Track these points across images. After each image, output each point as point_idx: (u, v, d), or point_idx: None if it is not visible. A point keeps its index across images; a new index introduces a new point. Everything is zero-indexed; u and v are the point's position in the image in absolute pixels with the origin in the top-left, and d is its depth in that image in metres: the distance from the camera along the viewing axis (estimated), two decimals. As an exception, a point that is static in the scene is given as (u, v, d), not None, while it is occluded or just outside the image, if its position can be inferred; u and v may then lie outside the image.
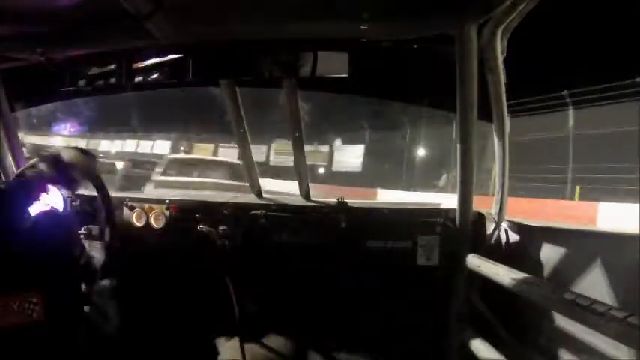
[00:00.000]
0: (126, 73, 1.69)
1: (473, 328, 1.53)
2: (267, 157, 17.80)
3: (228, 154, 12.67)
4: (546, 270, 1.35)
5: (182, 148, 18.68)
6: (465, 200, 1.60)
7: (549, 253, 1.36)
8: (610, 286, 1.08)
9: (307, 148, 1.91)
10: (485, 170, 5.89)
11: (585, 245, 1.25)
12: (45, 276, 1.11)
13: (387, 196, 12.53)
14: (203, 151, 17.79)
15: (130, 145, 21.24)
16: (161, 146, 19.97)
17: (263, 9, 1.39)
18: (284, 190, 5.86)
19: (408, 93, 1.92)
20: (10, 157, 1.83)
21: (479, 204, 1.63)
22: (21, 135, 1.92)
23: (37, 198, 1.21)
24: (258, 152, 16.54)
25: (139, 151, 19.84)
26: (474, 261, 1.50)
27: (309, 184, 1.95)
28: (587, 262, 1.19)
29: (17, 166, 1.83)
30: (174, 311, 1.78)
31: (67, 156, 1.28)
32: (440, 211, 1.74)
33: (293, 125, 1.79)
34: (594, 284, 1.14)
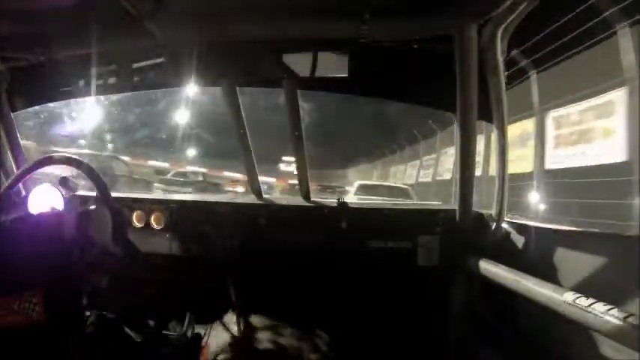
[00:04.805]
0: (126, 73, 1.69)
1: (473, 328, 1.53)
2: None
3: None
4: (546, 270, 1.35)
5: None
6: (465, 200, 1.60)
7: (549, 254, 1.36)
8: (610, 286, 1.08)
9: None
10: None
11: (585, 245, 1.25)
12: (45, 276, 1.11)
13: None
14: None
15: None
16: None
17: (263, 9, 1.39)
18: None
19: (407, 93, 1.91)
20: (10, 157, 1.83)
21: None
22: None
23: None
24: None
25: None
26: (474, 261, 1.49)
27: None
28: (587, 262, 1.19)
29: (17, 166, 1.83)
30: (174, 311, 1.78)
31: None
32: (440, 211, 1.74)
33: (293, 125, 1.79)
34: (594, 284, 1.14)
